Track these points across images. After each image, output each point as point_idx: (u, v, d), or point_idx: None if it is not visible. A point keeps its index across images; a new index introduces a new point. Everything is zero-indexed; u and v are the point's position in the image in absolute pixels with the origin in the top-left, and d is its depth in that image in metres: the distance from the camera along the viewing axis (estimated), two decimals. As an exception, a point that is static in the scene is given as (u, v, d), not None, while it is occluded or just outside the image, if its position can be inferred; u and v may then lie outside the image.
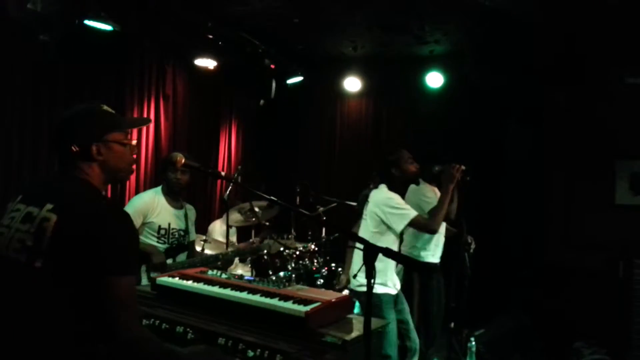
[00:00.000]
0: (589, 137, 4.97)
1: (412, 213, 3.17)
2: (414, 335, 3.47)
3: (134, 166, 1.81)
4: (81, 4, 3.88)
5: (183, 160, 2.32)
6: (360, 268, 1.69)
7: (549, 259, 5.06)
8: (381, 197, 3.25)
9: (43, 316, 1.46)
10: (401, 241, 3.73)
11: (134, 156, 1.80)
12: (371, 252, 1.59)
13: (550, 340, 4.52)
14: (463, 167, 3.27)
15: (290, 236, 4.08)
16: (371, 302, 1.59)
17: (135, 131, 5.09)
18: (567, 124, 5.12)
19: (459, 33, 5.10)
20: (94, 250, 1.44)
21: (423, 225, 3.23)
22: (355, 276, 2.95)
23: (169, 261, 3.29)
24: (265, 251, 3.88)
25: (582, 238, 4.92)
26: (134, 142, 1.80)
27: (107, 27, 4.06)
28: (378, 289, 3.17)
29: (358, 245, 1.66)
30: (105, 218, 1.50)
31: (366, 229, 3.31)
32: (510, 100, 5.41)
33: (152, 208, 3.33)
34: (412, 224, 3.18)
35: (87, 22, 3.97)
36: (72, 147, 1.62)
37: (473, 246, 3.90)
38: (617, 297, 4.69)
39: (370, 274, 1.61)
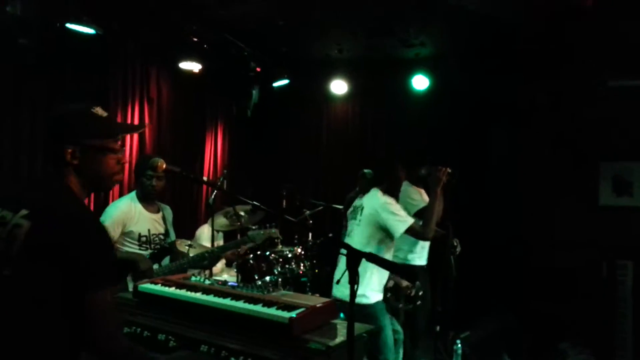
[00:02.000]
0: (573, 138, 5.02)
1: (410, 220, 3.16)
2: (398, 327, 3.50)
3: (119, 177, 1.68)
4: (62, 8, 3.82)
5: (164, 166, 2.27)
6: (344, 273, 1.67)
7: (534, 259, 5.09)
8: (379, 202, 3.22)
9: (12, 325, 1.41)
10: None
11: (120, 166, 1.67)
12: (355, 258, 1.58)
13: (536, 341, 4.54)
14: (449, 170, 3.28)
15: (273, 224, 4.01)
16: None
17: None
18: (551, 126, 5.16)
19: (444, 36, 5.13)
20: (68, 262, 1.39)
21: (418, 232, 3.22)
22: (338, 281, 2.94)
23: (155, 267, 3.24)
24: (251, 243, 3.82)
25: (566, 239, 4.95)
26: (118, 151, 1.66)
27: (90, 31, 4.00)
28: (373, 298, 3.16)
29: (342, 250, 1.65)
30: (79, 228, 1.44)
31: (360, 234, 3.27)
32: (494, 102, 5.44)
33: (130, 217, 3.25)
34: (409, 230, 3.16)
35: (68, 25, 3.91)
36: (64, 149, 1.54)
37: (459, 249, 3.91)
38: (600, 298, 4.73)
39: (354, 279, 1.59)
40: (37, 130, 4.23)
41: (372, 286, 3.17)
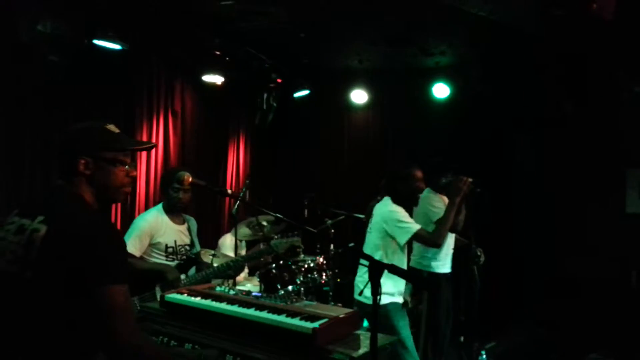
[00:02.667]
0: (599, 146, 4.94)
1: (415, 227, 3.17)
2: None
3: (127, 189, 1.78)
4: (90, 25, 3.95)
5: (190, 179, 2.32)
6: (367, 284, 1.69)
7: (561, 268, 5.00)
8: (385, 211, 3.28)
9: (37, 325, 1.48)
10: (410, 251, 3.72)
11: (129, 179, 1.77)
12: (377, 269, 1.59)
13: (563, 351, 4.46)
14: (470, 180, 3.27)
15: (295, 233, 4.07)
16: (377, 317, 1.59)
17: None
18: (576, 134, 5.09)
19: (464, 44, 5.12)
20: (82, 261, 1.47)
21: (426, 239, 3.25)
22: (361, 292, 2.96)
23: (182, 277, 3.30)
24: (274, 252, 3.87)
25: (593, 248, 4.86)
26: (128, 165, 1.76)
27: (116, 47, 4.13)
28: (384, 299, 3.15)
29: (363, 262, 1.66)
30: (91, 230, 1.53)
31: (371, 241, 3.34)
32: (518, 110, 5.39)
33: (157, 228, 3.33)
34: (416, 237, 3.19)
35: (95, 41, 4.03)
36: (77, 162, 1.66)
37: (482, 258, 3.88)
38: (630, 307, 4.62)
39: (376, 290, 1.61)
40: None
41: (385, 289, 3.17)
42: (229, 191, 3.14)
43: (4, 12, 3.54)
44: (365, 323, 3.31)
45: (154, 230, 3.32)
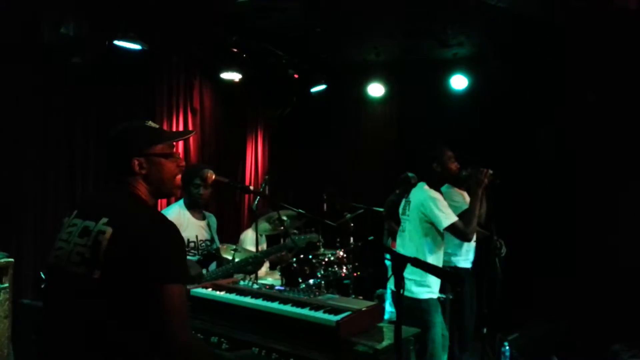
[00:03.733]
0: (621, 137, 4.85)
1: (454, 217, 3.17)
2: (445, 331, 3.47)
3: (180, 179, 1.84)
4: (111, 26, 4.02)
5: (214, 177, 2.37)
6: (390, 277, 1.71)
7: (583, 259, 4.95)
8: (425, 196, 3.24)
9: (104, 325, 1.53)
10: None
11: (179, 169, 1.82)
12: (400, 263, 1.61)
13: (587, 343, 4.42)
14: (491, 171, 3.25)
15: (313, 229, 4.13)
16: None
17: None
18: (599, 124, 5.00)
19: (482, 35, 5.07)
20: (145, 260, 1.52)
21: (461, 232, 3.20)
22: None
23: (203, 271, 3.36)
24: (292, 247, 3.92)
25: (616, 237, 4.79)
26: (177, 156, 1.82)
27: (136, 47, 4.20)
28: (424, 294, 3.19)
29: (387, 255, 1.68)
30: (154, 229, 1.58)
31: (413, 230, 3.29)
32: (538, 101, 5.33)
33: (179, 223, 3.38)
34: (452, 227, 3.16)
35: (116, 42, 4.11)
36: (117, 163, 1.72)
37: (504, 250, 3.86)
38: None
39: (400, 284, 1.63)
40: (88, 142, 4.46)
41: (426, 282, 3.19)
42: (251, 187, 3.18)
43: (28, 14, 3.63)
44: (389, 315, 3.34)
45: (177, 225, 3.38)
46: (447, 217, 3.15)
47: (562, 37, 4.60)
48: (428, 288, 3.22)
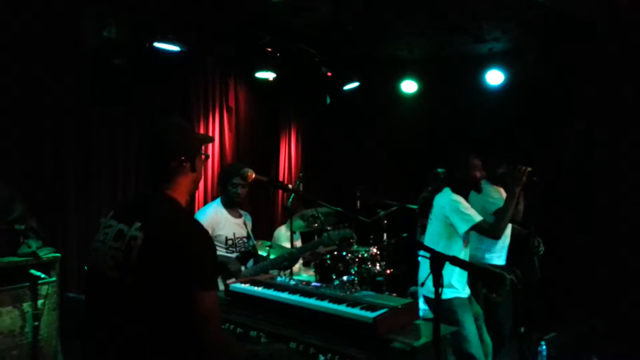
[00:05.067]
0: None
1: (477, 218, 3.17)
2: (486, 337, 3.43)
3: None
4: (150, 28, 4.13)
5: (254, 175, 2.43)
6: (428, 276, 1.72)
7: (622, 259, 4.81)
8: (447, 200, 3.29)
9: (136, 328, 1.57)
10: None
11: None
12: (439, 261, 1.63)
13: (626, 343, 4.30)
14: (529, 169, 3.20)
15: (346, 224, 4.17)
16: (440, 309, 1.62)
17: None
18: (632, 122, 4.84)
19: (519, 30, 4.97)
20: (179, 267, 1.55)
21: (486, 231, 3.22)
22: (422, 284, 2.98)
23: (242, 268, 3.45)
24: (327, 243, 3.97)
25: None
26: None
27: (175, 48, 4.30)
28: (447, 294, 3.18)
29: (424, 253, 1.70)
30: (188, 237, 1.61)
31: (433, 231, 3.35)
32: (575, 96, 5.19)
33: (217, 221, 3.49)
34: (475, 228, 3.18)
35: (155, 44, 4.22)
36: (173, 162, 1.74)
37: (542, 249, 3.80)
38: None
39: (438, 282, 1.65)
40: (129, 143, 4.61)
41: (449, 282, 3.19)
42: (290, 186, 3.24)
43: (72, 19, 3.77)
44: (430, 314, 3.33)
45: (215, 224, 3.47)
46: (467, 220, 3.16)
47: (598, 32, 4.47)
48: (452, 288, 3.22)
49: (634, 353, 4.15)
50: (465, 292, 3.30)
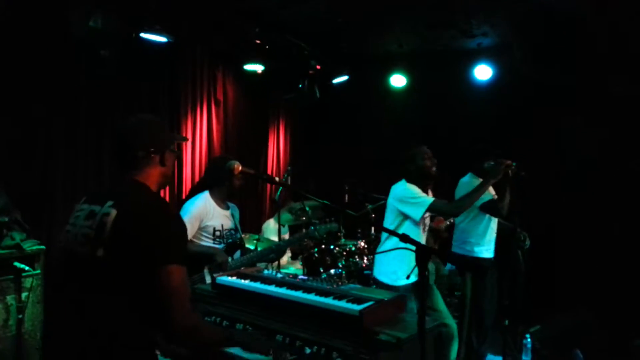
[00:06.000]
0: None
1: (429, 200, 3.27)
2: (450, 321, 3.52)
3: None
4: (137, 19, 4.08)
5: (240, 168, 2.42)
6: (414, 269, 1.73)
7: (606, 253, 4.88)
8: (398, 190, 3.44)
9: (105, 302, 1.61)
10: (450, 237, 3.75)
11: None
12: (424, 254, 1.64)
13: (610, 336, 4.37)
14: (513, 163, 3.25)
15: (332, 219, 4.22)
16: (425, 300, 1.63)
17: (189, 134, 5.34)
18: (620, 117, 4.90)
19: (507, 25, 4.99)
20: (146, 241, 1.59)
21: (442, 211, 3.37)
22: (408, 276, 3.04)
23: (229, 259, 3.44)
24: (313, 236, 4.01)
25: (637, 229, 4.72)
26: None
27: (162, 39, 4.26)
28: (399, 281, 3.34)
29: (409, 246, 1.71)
30: (158, 213, 1.66)
31: (386, 222, 3.48)
32: (564, 91, 5.23)
33: (206, 212, 3.48)
34: (432, 210, 3.29)
35: (142, 35, 4.17)
36: (139, 152, 1.78)
37: (527, 242, 3.85)
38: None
39: (423, 274, 1.65)
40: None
41: (395, 270, 3.35)
42: (277, 179, 3.25)
43: (57, 8, 3.71)
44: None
45: (203, 215, 3.46)
46: (420, 205, 3.27)
47: (587, 28, 4.50)
48: (396, 275, 3.35)
49: (618, 347, 4.21)
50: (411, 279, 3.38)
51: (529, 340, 4.14)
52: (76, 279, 1.68)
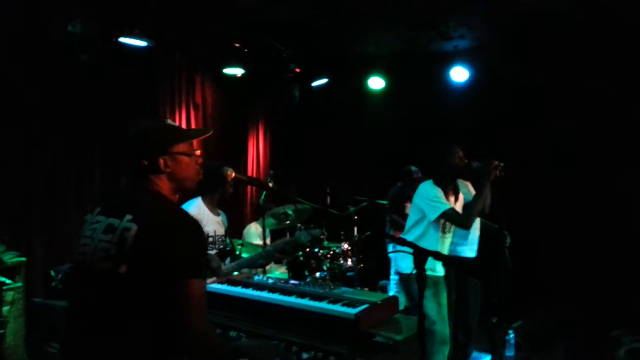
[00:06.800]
0: (629, 124, 4.89)
1: (446, 206, 3.30)
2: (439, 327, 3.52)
3: (200, 175, 1.89)
4: (117, 23, 4.02)
5: (233, 174, 2.42)
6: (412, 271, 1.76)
7: (589, 249, 5.01)
8: (422, 189, 3.45)
9: (128, 318, 1.57)
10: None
11: (198, 166, 1.87)
12: (421, 256, 1.66)
13: (591, 329, 4.49)
14: (501, 164, 3.30)
15: (312, 225, 4.24)
16: (422, 300, 1.66)
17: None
18: (606, 112, 5.05)
19: (484, 27, 5.09)
20: (170, 255, 1.56)
21: (455, 219, 3.35)
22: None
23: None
24: (299, 242, 4.00)
25: (617, 226, 4.86)
26: (198, 152, 1.89)
27: (142, 44, 4.20)
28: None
29: (406, 249, 1.73)
30: (178, 226, 1.62)
31: (410, 220, 3.53)
32: (542, 91, 5.36)
33: (200, 219, 3.45)
34: (445, 216, 3.31)
35: (122, 39, 4.11)
36: (142, 162, 1.74)
37: (508, 240, 3.92)
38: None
39: (420, 276, 1.68)
40: (95, 141, 4.47)
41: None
42: (270, 184, 3.24)
43: (35, 13, 3.62)
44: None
45: (199, 220, 3.42)
46: (437, 208, 3.29)
47: (564, 28, 4.62)
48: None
49: (599, 340, 4.33)
50: (437, 271, 3.41)
51: (512, 335, 4.23)
52: (95, 295, 1.64)
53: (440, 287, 3.39)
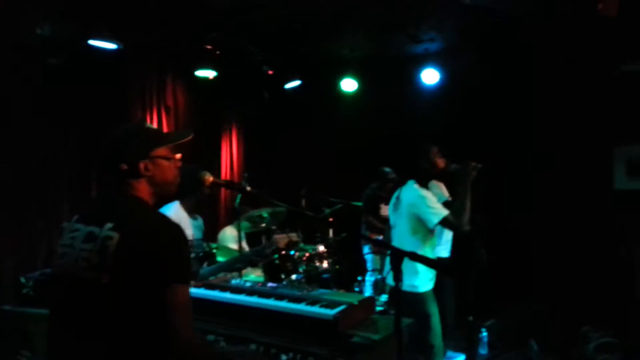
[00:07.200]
0: (586, 124, 5.06)
1: (444, 212, 3.21)
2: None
3: (178, 181, 1.86)
4: (86, 25, 3.94)
5: (211, 179, 2.41)
6: (388, 272, 1.78)
7: (553, 246, 5.15)
8: (415, 196, 3.29)
9: (114, 327, 1.55)
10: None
11: (177, 170, 1.85)
12: (397, 257, 1.69)
13: (560, 326, 4.61)
14: (479, 165, 3.30)
15: (287, 229, 4.26)
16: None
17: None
18: (562, 113, 5.21)
19: (454, 31, 5.19)
20: (153, 262, 1.54)
21: (452, 225, 3.25)
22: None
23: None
24: (275, 246, 4.01)
25: (583, 224, 5.01)
26: (178, 155, 1.86)
27: (111, 46, 4.13)
28: (422, 287, 3.26)
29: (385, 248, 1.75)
30: (161, 232, 1.61)
31: (404, 229, 3.35)
32: (508, 92, 5.50)
33: (179, 223, 3.40)
34: (443, 222, 3.21)
35: (91, 42, 4.04)
36: (121, 166, 1.70)
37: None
38: (619, 281, 4.79)
39: (397, 276, 1.70)
40: (66, 144, 4.37)
41: (422, 276, 3.26)
42: (248, 188, 3.22)
43: (5, 14, 3.52)
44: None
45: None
46: (436, 214, 3.19)
47: (534, 32, 4.75)
48: (425, 282, 3.28)
49: (569, 336, 4.45)
50: (431, 284, 3.37)
51: (485, 334, 4.32)
52: (78, 305, 1.61)
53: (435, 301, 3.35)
